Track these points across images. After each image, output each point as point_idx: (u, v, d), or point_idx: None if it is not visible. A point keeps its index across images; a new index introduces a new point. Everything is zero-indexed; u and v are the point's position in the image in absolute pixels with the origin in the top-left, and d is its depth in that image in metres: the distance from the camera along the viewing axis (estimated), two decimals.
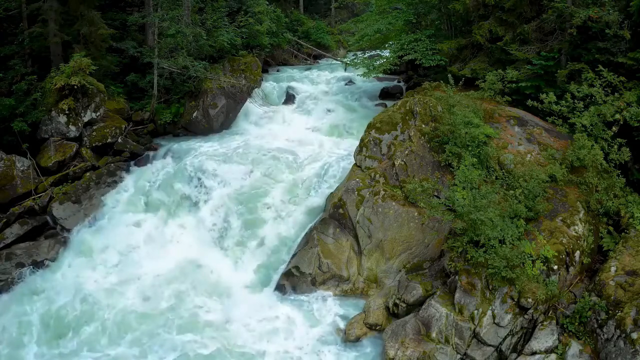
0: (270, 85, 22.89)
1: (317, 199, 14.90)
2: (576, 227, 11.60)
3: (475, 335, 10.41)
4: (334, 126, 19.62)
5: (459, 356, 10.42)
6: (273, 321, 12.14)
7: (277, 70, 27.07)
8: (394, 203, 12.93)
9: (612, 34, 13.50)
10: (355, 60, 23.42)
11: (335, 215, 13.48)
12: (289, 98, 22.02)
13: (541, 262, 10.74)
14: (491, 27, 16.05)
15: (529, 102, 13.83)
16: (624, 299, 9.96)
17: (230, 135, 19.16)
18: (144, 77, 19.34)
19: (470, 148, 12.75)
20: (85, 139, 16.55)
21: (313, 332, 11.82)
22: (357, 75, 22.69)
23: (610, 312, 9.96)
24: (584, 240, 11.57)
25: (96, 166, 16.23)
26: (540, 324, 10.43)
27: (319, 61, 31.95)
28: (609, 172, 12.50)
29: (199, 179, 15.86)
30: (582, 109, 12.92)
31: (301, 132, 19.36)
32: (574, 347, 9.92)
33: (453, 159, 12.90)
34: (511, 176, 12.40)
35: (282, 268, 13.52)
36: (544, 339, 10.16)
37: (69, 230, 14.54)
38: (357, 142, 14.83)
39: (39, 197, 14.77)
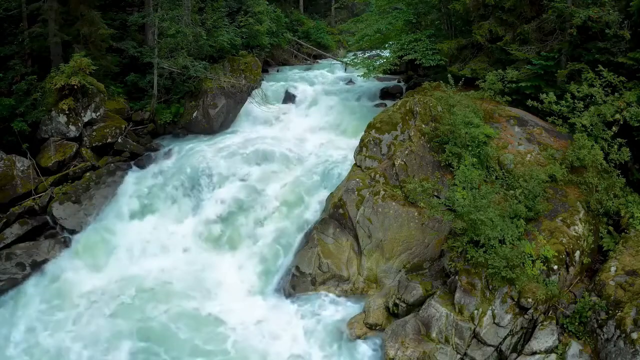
0: (270, 85, 22.86)
1: (317, 199, 14.90)
2: (576, 227, 11.60)
3: (475, 335, 10.41)
4: (333, 126, 19.61)
5: (459, 356, 10.42)
6: (273, 321, 12.14)
7: (277, 70, 27.05)
8: (394, 203, 12.92)
9: (612, 34, 13.48)
10: (355, 60, 23.38)
11: (335, 215, 13.48)
12: (289, 98, 21.98)
13: (541, 262, 10.74)
14: (491, 27, 16.02)
15: (529, 102, 13.81)
16: (624, 299, 9.96)
17: (230, 135, 19.17)
18: (144, 77, 19.36)
19: (470, 148, 12.74)
20: (85, 139, 16.55)
21: (313, 332, 11.80)
22: (357, 75, 22.67)
23: (610, 312, 9.96)
24: (584, 240, 11.56)
25: (96, 166, 16.24)
26: (540, 324, 10.43)
27: (319, 61, 31.91)
28: (609, 172, 12.49)
29: (199, 179, 15.87)
30: (582, 109, 12.89)
31: (301, 132, 19.36)
32: (574, 347, 9.92)
33: (453, 159, 12.89)
34: (511, 176, 12.40)
35: (282, 268, 13.52)
36: (544, 339, 10.15)
37: (69, 230, 14.53)
38: (357, 142, 14.82)
39: (39, 197, 14.77)
